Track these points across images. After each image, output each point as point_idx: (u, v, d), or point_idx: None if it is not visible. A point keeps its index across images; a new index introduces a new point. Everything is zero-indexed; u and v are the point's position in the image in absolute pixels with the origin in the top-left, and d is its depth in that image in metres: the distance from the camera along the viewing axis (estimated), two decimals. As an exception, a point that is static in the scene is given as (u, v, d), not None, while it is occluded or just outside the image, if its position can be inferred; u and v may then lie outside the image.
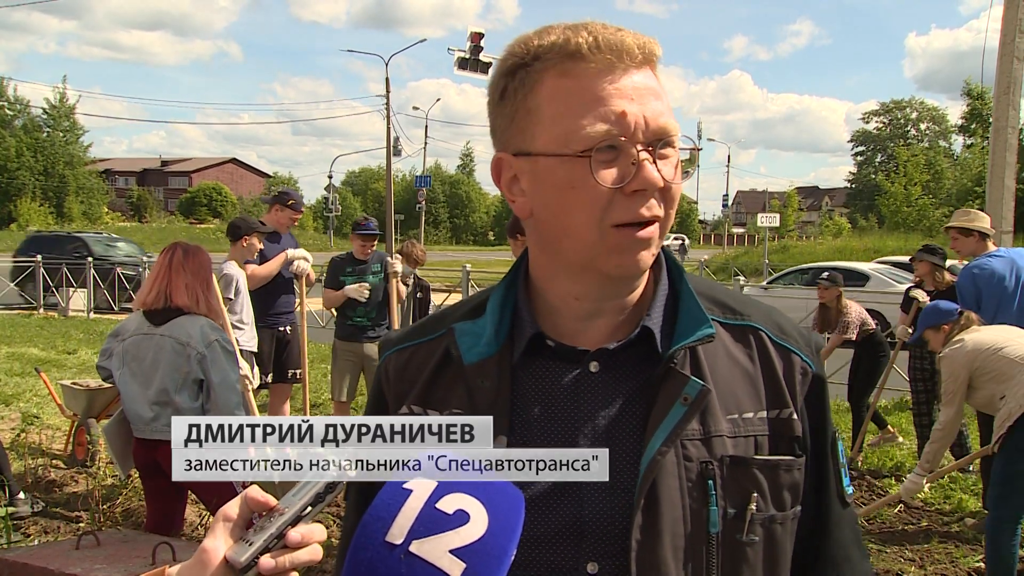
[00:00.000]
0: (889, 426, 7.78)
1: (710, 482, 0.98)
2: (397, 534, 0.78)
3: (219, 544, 0.85)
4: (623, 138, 0.93)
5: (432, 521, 0.78)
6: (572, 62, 0.94)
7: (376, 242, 6.61)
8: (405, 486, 0.81)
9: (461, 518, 0.79)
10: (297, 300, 6.57)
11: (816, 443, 1.07)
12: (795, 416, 1.04)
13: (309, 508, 0.86)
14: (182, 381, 3.80)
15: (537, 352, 1.04)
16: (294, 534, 0.85)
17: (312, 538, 0.86)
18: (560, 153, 0.95)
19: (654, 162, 0.94)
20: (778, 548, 1.02)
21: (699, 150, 0.98)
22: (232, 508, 0.87)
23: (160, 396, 3.80)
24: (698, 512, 0.97)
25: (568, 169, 0.94)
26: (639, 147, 0.93)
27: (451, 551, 0.77)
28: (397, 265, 6.45)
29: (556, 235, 0.99)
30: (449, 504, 0.79)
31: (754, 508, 0.99)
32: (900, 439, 7.58)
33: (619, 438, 0.99)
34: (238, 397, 3.90)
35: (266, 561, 0.84)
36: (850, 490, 1.11)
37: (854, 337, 7.26)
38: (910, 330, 7.03)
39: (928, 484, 4.89)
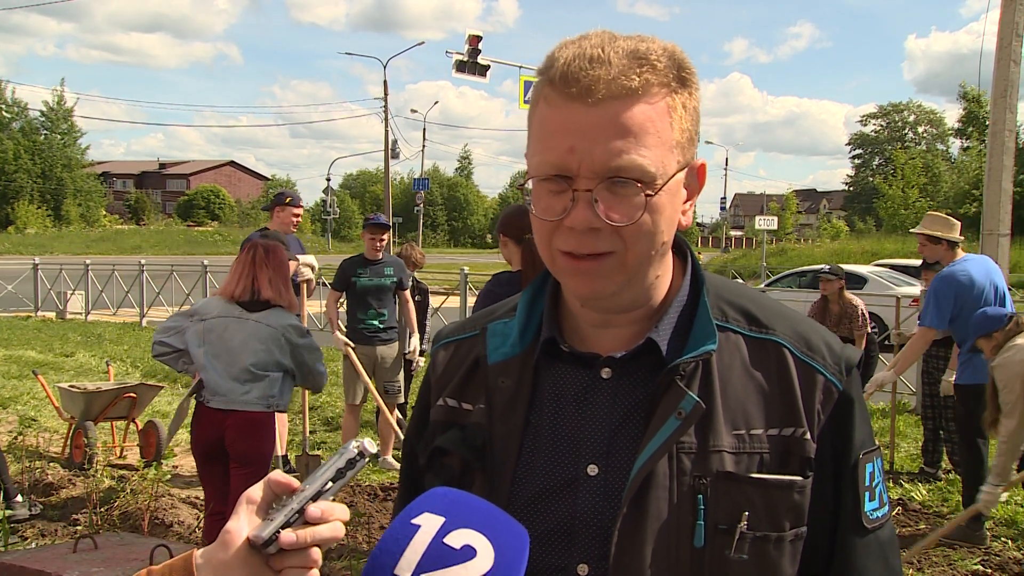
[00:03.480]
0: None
1: (700, 496, 0.97)
2: (405, 567, 0.80)
3: (242, 525, 0.86)
4: (568, 175, 0.94)
5: (439, 555, 0.80)
6: (550, 88, 0.95)
7: (386, 237, 6.62)
8: (413, 521, 0.83)
9: (467, 553, 0.80)
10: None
11: (837, 465, 1.03)
12: (808, 436, 1.01)
13: (330, 484, 0.87)
14: (274, 364, 4.27)
15: (556, 355, 1.07)
16: (314, 509, 0.86)
17: (333, 515, 0.87)
18: (528, 171, 0.99)
19: (595, 201, 0.93)
20: (771, 568, 1.00)
21: (650, 195, 0.94)
22: (255, 491, 0.88)
23: (243, 374, 4.21)
24: (684, 525, 0.97)
25: (534, 189, 0.98)
26: (583, 185, 0.93)
27: None
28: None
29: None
30: (456, 539, 0.81)
31: (744, 526, 0.97)
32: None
33: (619, 444, 1.01)
34: (325, 381, 4.56)
35: (287, 535, 0.85)
36: (878, 515, 1.06)
37: (864, 331, 7.21)
38: (898, 332, 7.04)
39: (1005, 493, 4.82)
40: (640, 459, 0.97)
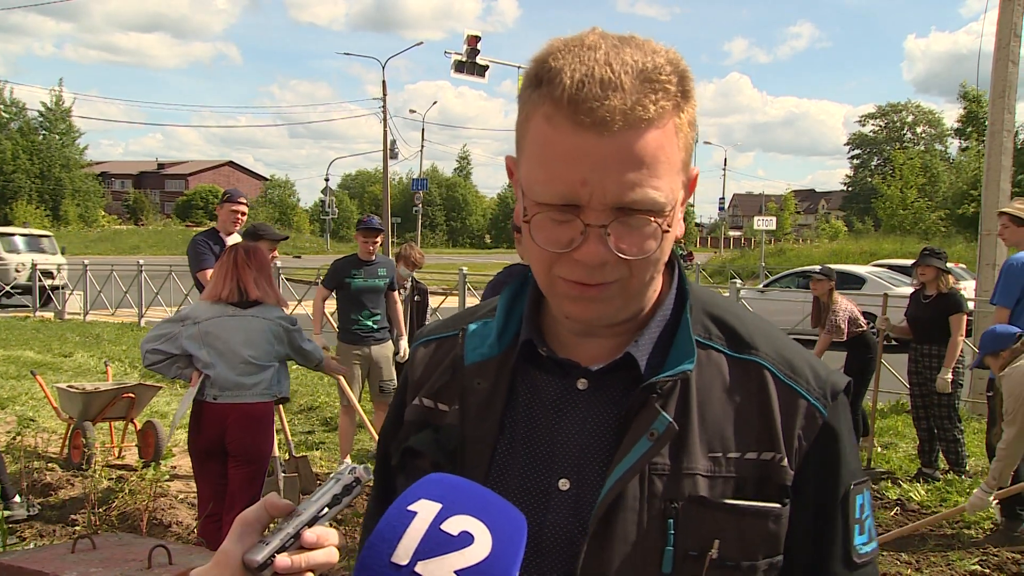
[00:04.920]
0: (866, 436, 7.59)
1: (670, 520, 0.94)
2: (403, 555, 0.79)
3: (237, 547, 0.86)
4: (578, 206, 0.89)
5: (437, 542, 0.79)
6: (554, 108, 0.89)
7: (380, 240, 6.63)
8: (410, 508, 0.82)
9: (465, 540, 0.80)
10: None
11: (821, 495, 0.99)
12: (785, 462, 0.97)
13: (326, 510, 0.87)
14: (270, 353, 4.41)
15: (533, 360, 1.04)
16: (309, 534, 0.86)
17: (328, 540, 0.87)
18: (526, 195, 0.94)
19: (607, 235, 0.89)
20: None
21: (667, 231, 0.92)
22: (251, 513, 0.88)
23: (248, 367, 4.34)
24: (653, 550, 0.94)
25: (534, 216, 0.93)
26: (594, 220, 0.89)
27: (456, 572, 0.78)
28: None
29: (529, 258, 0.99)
30: (453, 526, 0.80)
31: (715, 553, 0.94)
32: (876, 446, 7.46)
33: (590, 460, 0.98)
34: (320, 355, 4.75)
35: (282, 560, 0.85)
36: (866, 550, 1.01)
37: (843, 337, 7.17)
38: (885, 317, 7.04)
39: (995, 500, 4.85)
40: (610, 479, 0.94)
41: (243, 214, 6.23)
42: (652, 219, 0.90)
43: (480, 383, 1.03)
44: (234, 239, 6.05)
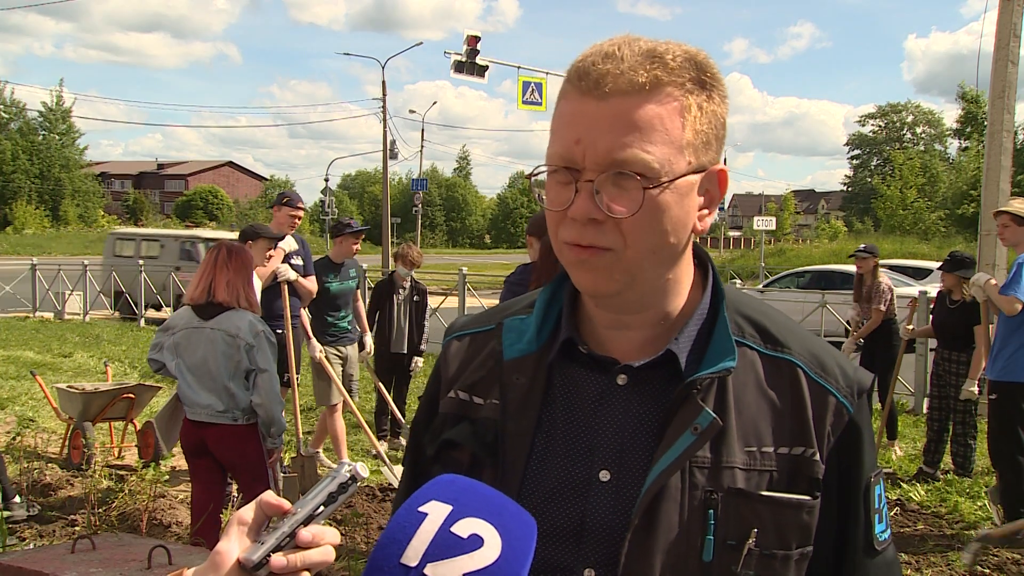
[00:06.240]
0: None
1: (711, 511, 0.98)
2: (412, 556, 0.79)
3: (233, 546, 0.86)
4: (572, 166, 0.96)
5: (446, 545, 0.80)
6: (567, 84, 0.99)
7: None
8: (420, 509, 0.82)
9: (475, 542, 0.80)
10: (299, 303, 6.63)
11: (845, 488, 1.04)
12: (817, 457, 1.02)
13: (321, 508, 0.87)
14: (234, 370, 4.21)
15: (572, 356, 1.07)
16: (305, 533, 0.86)
17: (324, 539, 0.87)
18: (543, 163, 1.01)
19: (597, 192, 0.94)
20: None
21: (648, 188, 0.94)
22: (247, 512, 0.88)
23: (213, 384, 4.21)
24: (694, 539, 0.98)
25: (546, 181, 1.00)
26: (587, 177, 0.95)
27: (465, 574, 0.78)
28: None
29: None
30: (463, 528, 0.81)
31: (752, 543, 0.98)
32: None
33: (631, 453, 1.01)
34: (278, 386, 4.37)
35: (277, 559, 0.85)
36: (885, 536, 1.08)
37: (884, 308, 7.24)
38: (910, 327, 7.06)
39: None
40: (654, 471, 0.98)
41: (299, 219, 6.35)
42: (639, 179, 0.94)
43: (519, 378, 1.07)
44: (287, 242, 6.13)
